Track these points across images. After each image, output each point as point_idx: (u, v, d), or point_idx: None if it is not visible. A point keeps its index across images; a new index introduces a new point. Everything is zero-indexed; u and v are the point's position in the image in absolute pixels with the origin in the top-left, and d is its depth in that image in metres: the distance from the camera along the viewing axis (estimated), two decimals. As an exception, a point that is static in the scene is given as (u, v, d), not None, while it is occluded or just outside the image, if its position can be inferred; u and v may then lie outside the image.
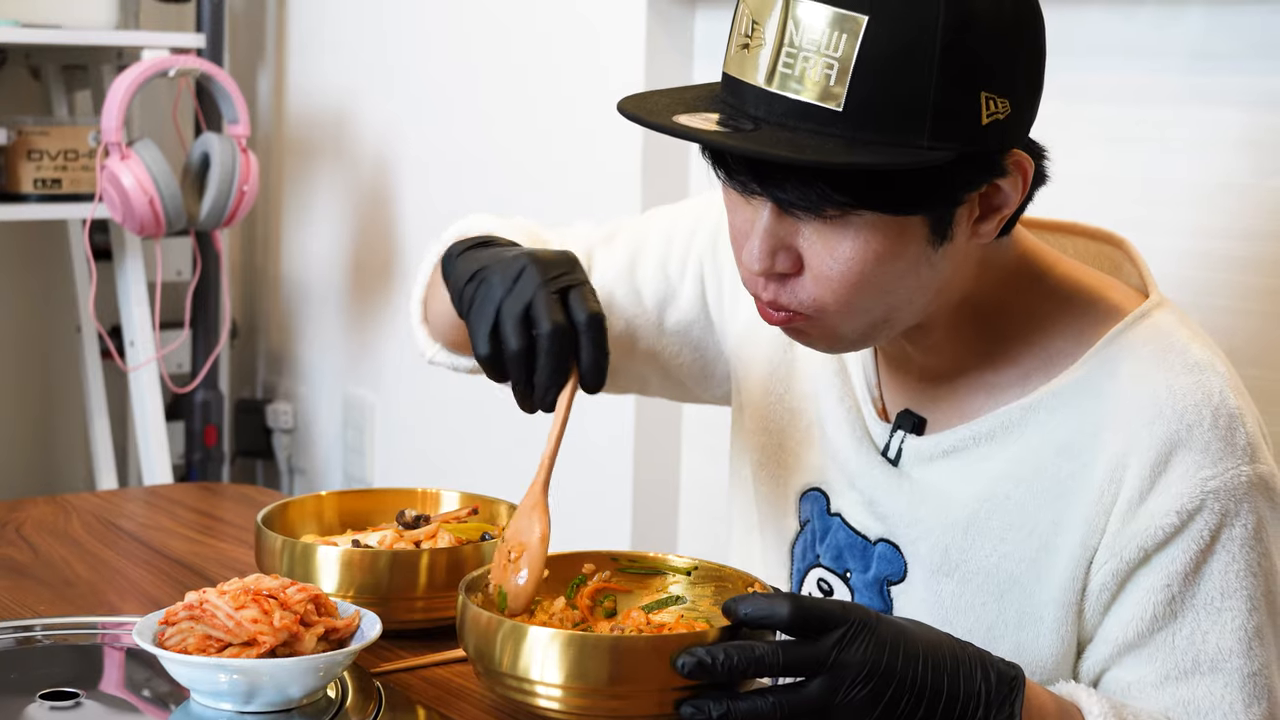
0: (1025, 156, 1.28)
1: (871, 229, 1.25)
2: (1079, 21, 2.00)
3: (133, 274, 3.18)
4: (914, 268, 1.28)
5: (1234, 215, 1.88)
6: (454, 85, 3.07)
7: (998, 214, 1.30)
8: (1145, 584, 1.31)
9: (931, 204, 1.26)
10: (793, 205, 1.25)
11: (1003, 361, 1.39)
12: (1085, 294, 1.39)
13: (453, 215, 3.19)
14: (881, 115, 1.20)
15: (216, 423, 3.39)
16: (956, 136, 1.22)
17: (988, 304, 1.38)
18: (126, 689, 1.43)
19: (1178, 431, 1.30)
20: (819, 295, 1.29)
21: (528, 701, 1.24)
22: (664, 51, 2.60)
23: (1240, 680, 1.30)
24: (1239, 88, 1.87)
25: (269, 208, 3.62)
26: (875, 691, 1.18)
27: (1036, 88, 1.29)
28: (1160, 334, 1.35)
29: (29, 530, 1.83)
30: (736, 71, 1.26)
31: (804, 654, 1.18)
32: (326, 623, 1.32)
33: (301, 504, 1.62)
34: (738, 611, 1.21)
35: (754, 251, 1.29)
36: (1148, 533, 1.30)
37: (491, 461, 2.97)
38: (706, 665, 1.18)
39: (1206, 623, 1.30)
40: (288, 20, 3.55)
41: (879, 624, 1.20)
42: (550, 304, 1.32)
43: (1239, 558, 1.30)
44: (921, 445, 1.41)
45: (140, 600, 1.62)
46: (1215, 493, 1.29)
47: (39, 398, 3.58)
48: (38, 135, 3.07)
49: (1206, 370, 1.33)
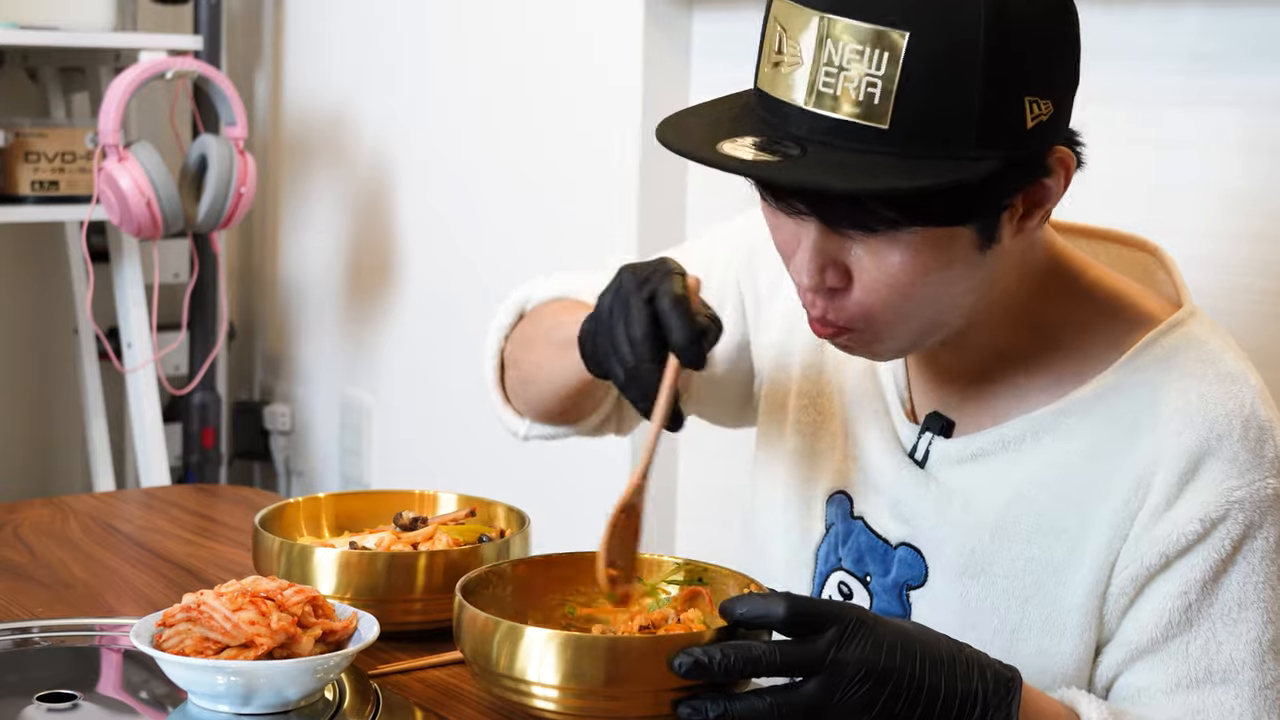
0: (1067, 152, 1.27)
1: (921, 241, 1.25)
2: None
3: (130, 276, 3.18)
4: (964, 274, 1.28)
5: (1233, 217, 1.88)
6: (451, 87, 3.07)
7: (1041, 209, 1.29)
8: (1164, 590, 1.31)
9: (981, 213, 1.25)
10: (843, 225, 1.25)
11: (1034, 365, 1.39)
12: (1118, 300, 1.39)
13: (450, 216, 3.20)
14: (928, 130, 1.19)
15: (214, 424, 3.39)
16: (1003, 144, 1.21)
17: (1024, 308, 1.37)
18: (124, 691, 1.42)
19: (1207, 441, 1.30)
20: (869, 307, 1.29)
21: (524, 702, 1.24)
22: (661, 52, 2.59)
23: (1251, 693, 1.29)
24: (1237, 89, 1.87)
25: (266, 210, 3.62)
26: (872, 691, 1.18)
27: (1074, 80, 1.27)
28: (1193, 343, 1.35)
29: (26, 532, 1.83)
30: (772, 89, 1.25)
31: (801, 653, 1.18)
32: (324, 624, 1.32)
33: (299, 506, 1.62)
34: (734, 611, 1.21)
35: (803, 268, 1.29)
36: (1170, 539, 1.29)
37: (489, 463, 2.97)
38: (704, 665, 1.18)
39: (1222, 633, 1.29)
40: (285, 22, 3.55)
41: (876, 624, 1.19)
42: (639, 316, 1.31)
43: (1259, 570, 1.29)
44: (949, 448, 1.41)
45: (138, 602, 1.62)
46: (1240, 503, 1.28)
47: (36, 400, 3.57)
48: (35, 137, 3.07)
49: (1239, 381, 1.33)
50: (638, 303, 1.32)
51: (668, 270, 1.34)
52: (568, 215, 2.80)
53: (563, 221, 2.81)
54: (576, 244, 2.77)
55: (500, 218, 2.96)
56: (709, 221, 2.29)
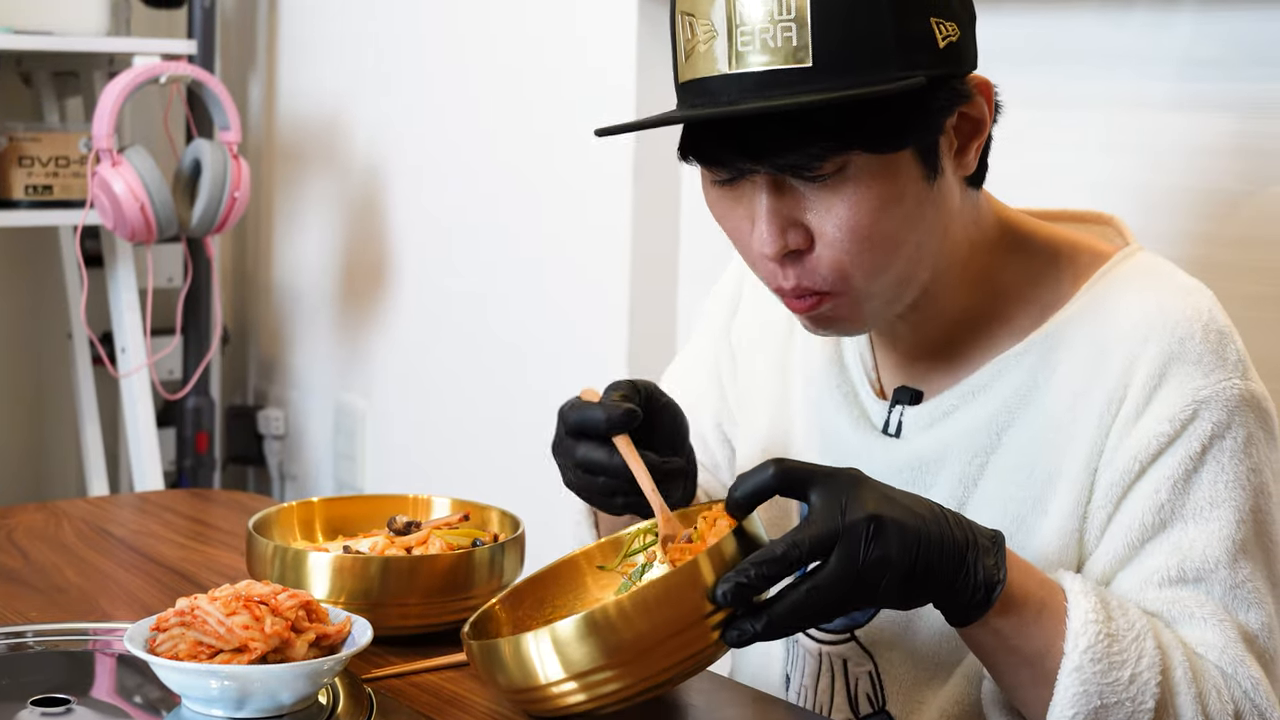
0: (982, 77, 1.33)
1: (869, 177, 1.28)
2: (1068, 28, 2.01)
3: (124, 280, 3.18)
4: (918, 209, 1.31)
5: (1224, 222, 1.88)
6: (446, 91, 3.07)
7: (974, 141, 1.34)
8: (1138, 494, 1.33)
9: (916, 133, 1.29)
10: (790, 167, 1.27)
11: (994, 322, 1.42)
12: (1071, 246, 1.43)
13: (444, 221, 3.20)
14: (849, 59, 1.24)
15: (208, 429, 3.39)
16: (922, 63, 1.26)
17: (980, 268, 1.41)
18: (118, 695, 1.42)
19: (1170, 346, 1.33)
20: (837, 262, 1.31)
21: (578, 709, 1.24)
22: (656, 55, 2.60)
23: (1222, 591, 1.31)
24: (1229, 94, 1.88)
25: (260, 214, 3.62)
26: (885, 544, 1.19)
27: (972, 14, 1.34)
28: (1147, 266, 1.40)
29: (20, 537, 1.83)
30: (694, 73, 1.29)
31: (820, 532, 1.20)
32: (318, 629, 1.32)
33: (293, 510, 1.62)
34: (732, 494, 1.24)
35: (763, 236, 1.30)
36: (1143, 445, 1.32)
37: (482, 468, 2.97)
38: (744, 585, 1.19)
39: (1194, 531, 1.32)
40: (279, 26, 3.55)
41: (868, 482, 1.23)
42: (568, 446, 1.38)
43: (1228, 468, 1.32)
44: (920, 413, 1.43)
45: (132, 606, 1.61)
46: (1206, 402, 1.31)
47: (30, 404, 3.57)
48: (29, 141, 3.07)
49: (1195, 292, 1.37)
50: (560, 435, 1.38)
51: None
52: (562, 219, 2.80)
53: (557, 226, 2.81)
54: (571, 248, 2.77)
55: (494, 222, 2.96)
56: (703, 226, 2.30)
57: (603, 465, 1.35)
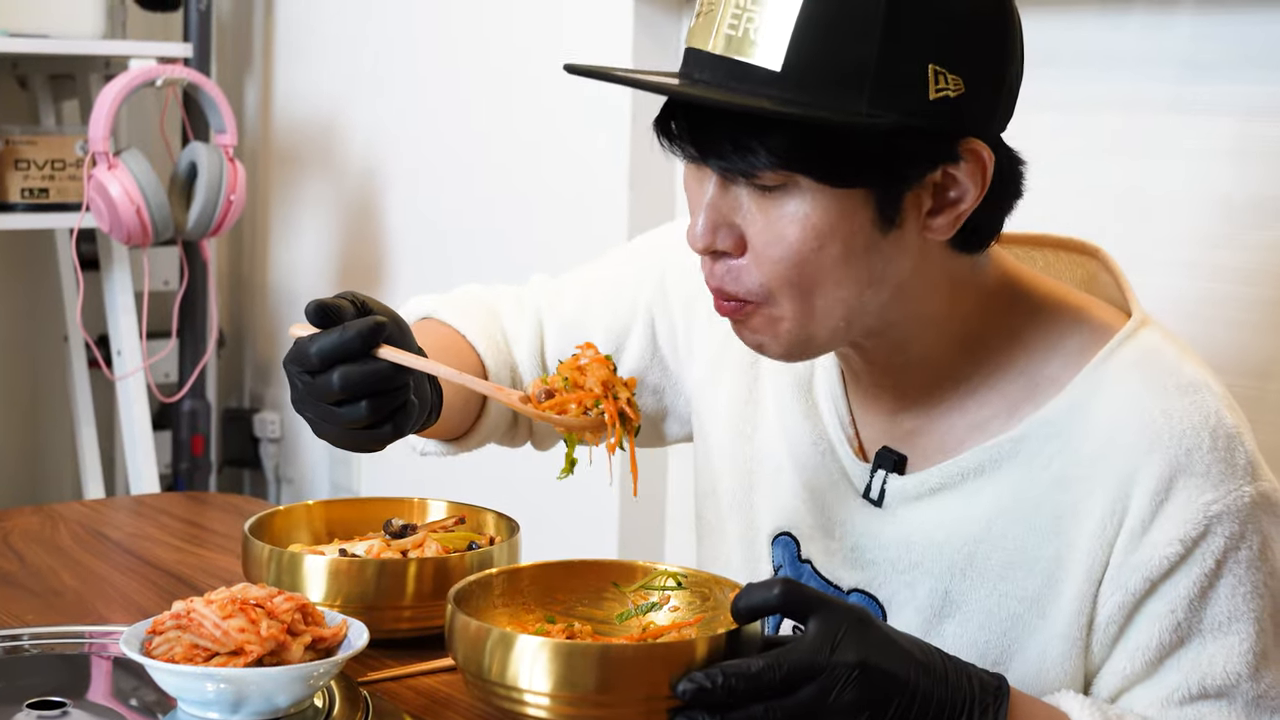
0: (983, 146, 1.23)
1: (812, 203, 1.22)
2: (1067, 31, 2.01)
3: (120, 283, 3.18)
4: (862, 255, 1.24)
5: (1223, 225, 1.88)
6: (441, 94, 3.07)
7: (954, 209, 1.25)
8: (1152, 612, 1.28)
9: (872, 176, 1.22)
10: (728, 169, 1.22)
11: (983, 390, 1.35)
12: (1069, 315, 1.35)
13: (439, 223, 3.20)
14: (818, 76, 1.18)
15: (204, 432, 3.39)
16: (899, 107, 1.19)
17: (966, 329, 1.33)
18: (114, 698, 1.42)
19: (1177, 457, 1.26)
20: (764, 278, 1.25)
21: (517, 710, 1.23)
22: (650, 58, 2.60)
23: (1245, 704, 1.27)
24: (1227, 97, 1.88)
25: (256, 217, 3.62)
26: (865, 692, 1.16)
27: (999, 79, 1.24)
28: (1149, 354, 1.31)
29: (16, 540, 1.83)
30: (690, 40, 1.25)
31: (799, 663, 1.16)
32: (313, 632, 1.31)
33: (288, 513, 1.62)
34: (735, 604, 1.19)
35: (696, 228, 1.26)
36: (1152, 563, 1.27)
37: (478, 471, 2.96)
38: (706, 690, 1.16)
39: (1213, 647, 1.27)
40: (275, 30, 3.55)
41: (870, 625, 1.18)
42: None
43: (1245, 580, 1.27)
44: (906, 484, 1.37)
45: (127, 609, 1.61)
46: (1219, 516, 1.25)
47: (26, 407, 3.57)
48: (25, 144, 3.06)
49: (1201, 390, 1.29)
50: (302, 381, 1.27)
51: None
52: (557, 221, 2.80)
53: (552, 227, 2.81)
54: (566, 249, 2.77)
55: (490, 224, 2.96)
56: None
57: (375, 379, 1.24)
